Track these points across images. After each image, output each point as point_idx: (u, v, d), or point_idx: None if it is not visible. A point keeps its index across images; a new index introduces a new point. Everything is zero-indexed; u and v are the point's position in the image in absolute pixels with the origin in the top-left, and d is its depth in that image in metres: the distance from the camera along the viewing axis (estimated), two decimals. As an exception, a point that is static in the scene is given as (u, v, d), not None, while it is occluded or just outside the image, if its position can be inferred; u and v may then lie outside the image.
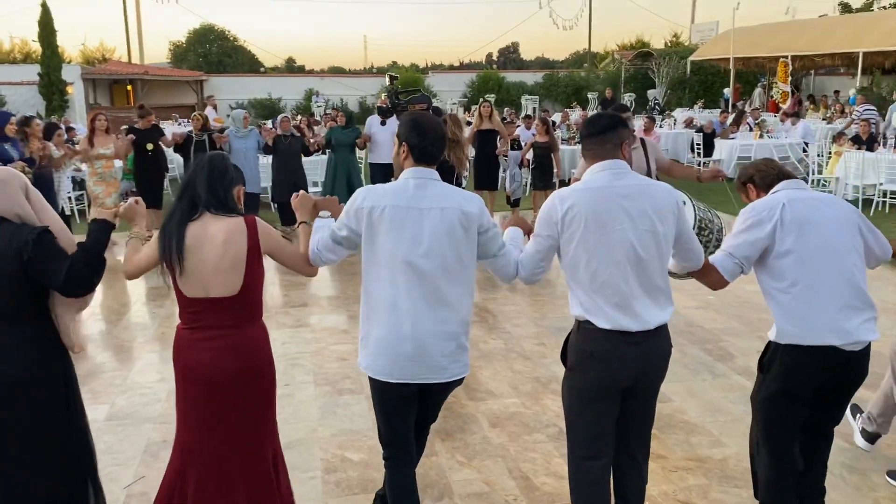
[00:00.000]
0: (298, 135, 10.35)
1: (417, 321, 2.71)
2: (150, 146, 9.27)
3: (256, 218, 2.78)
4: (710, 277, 3.05)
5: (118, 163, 9.47)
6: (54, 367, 2.77)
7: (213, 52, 45.04)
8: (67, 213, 9.60)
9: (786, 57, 21.28)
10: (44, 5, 26.32)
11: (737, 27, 22.86)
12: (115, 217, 2.86)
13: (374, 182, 10.18)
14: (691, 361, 5.33)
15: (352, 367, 5.20)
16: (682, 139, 16.81)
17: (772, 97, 22.97)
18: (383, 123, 9.00)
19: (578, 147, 13.43)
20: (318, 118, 19.90)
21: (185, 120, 23.20)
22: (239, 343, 2.74)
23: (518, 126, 14.51)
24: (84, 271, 2.63)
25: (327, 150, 10.10)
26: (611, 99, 22.86)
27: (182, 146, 9.78)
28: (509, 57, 66.98)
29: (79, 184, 11.04)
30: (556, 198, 2.76)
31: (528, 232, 3.05)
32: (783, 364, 2.94)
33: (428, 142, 2.76)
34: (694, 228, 3.45)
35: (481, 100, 11.06)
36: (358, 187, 9.79)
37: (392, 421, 2.90)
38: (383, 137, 9.77)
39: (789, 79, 21.09)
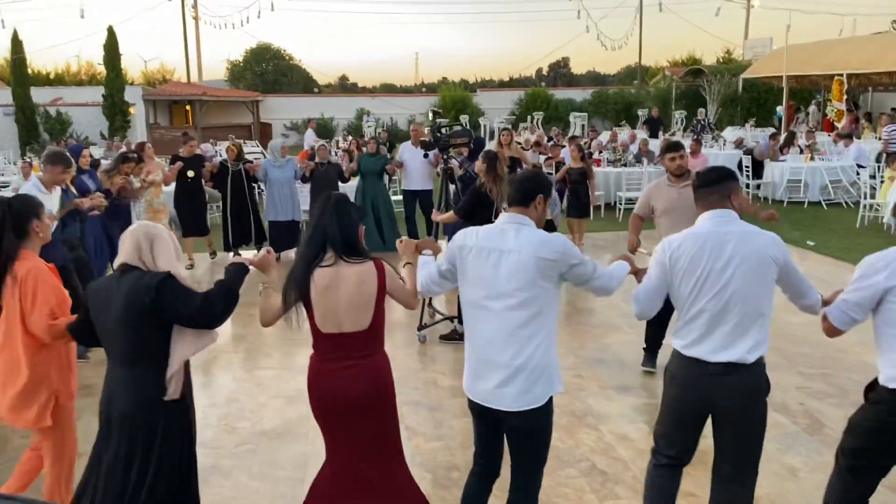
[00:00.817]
0: (336, 161, 10.59)
1: (487, 351, 3.04)
2: (190, 173, 9.40)
3: (384, 262, 3.15)
4: (823, 325, 3.22)
5: (167, 189, 9.62)
6: (154, 407, 2.97)
7: (269, 70, 46.32)
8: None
9: (840, 75, 20.86)
10: (110, 30, 27.50)
11: (790, 44, 22.52)
12: (249, 264, 3.22)
13: (405, 208, 10.49)
14: (728, 396, 5.35)
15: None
16: (730, 161, 16.61)
17: (826, 116, 22.55)
18: (426, 156, 9.23)
19: (625, 170, 13.47)
20: (367, 139, 20.20)
21: (243, 140, 23.90)
22: (368, 370, 3.11)
23: (563, 147, 14.58)
24: (219, 303, 2.99)
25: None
26: (657, 118, 22.78)
27: (218, 176, 9.90)
28: (559, 72, 66.85)
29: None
30: (667, 241, 3.19)
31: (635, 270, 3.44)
32: (889, 407, 3.00)
33: (511, 189, 3.19)
34: None
35: (501, 127, 11.13)
36: (384, 214, 10.21)
37: (475, 433, 3.30)
38: (414, 165, 10.09)
39: (844, 97, 20.66)
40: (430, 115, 6.78)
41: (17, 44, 26.67)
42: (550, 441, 3.21)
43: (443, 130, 6.68)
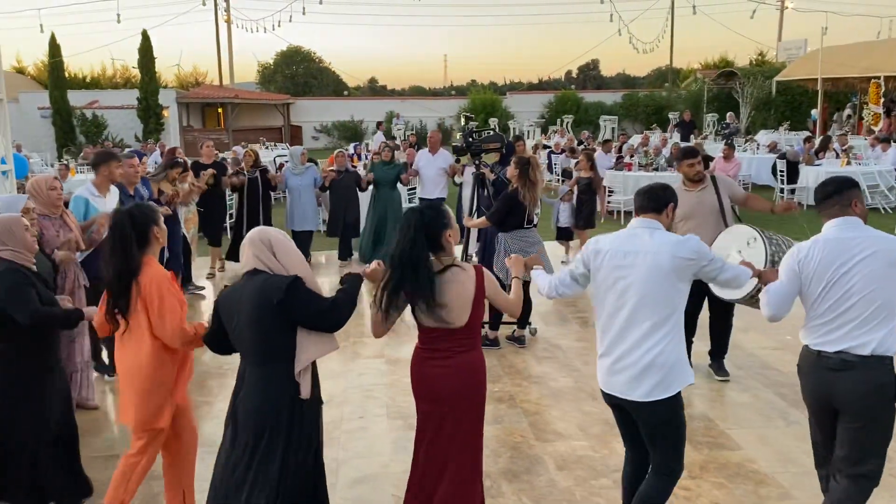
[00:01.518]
0: (353, 170, 10.22)
1: (622, 348, 3.27)
2: (208, 175, 8.78)
3: (483, 268, 3.35)
4: None
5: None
6: (282, 404, 3.06)
7: (299, 73, 46.62)
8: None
9: (878, 77, 20.48)
10: (144, 34, 27.93)
11: (826, 46, 22.13)
12: (363, 274, 3.37)
13: None
14: (764, 406, 5.26)
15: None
16: (764, 164, 16.39)
17: (861, 119, 22.15)
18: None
19: (656, 173, 13.32)
20: (398, 142, 20.24)
21: (273, 143, 24.13)
22: (462, 364, 3.32)
23: (595, 151, 14.45)
24: (346, 308, 3.15)
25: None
26: (689, 121, 22.56)
27: (235, 185, 9.39)
28: (589, 74, 66.37)
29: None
30: (796, 248, 3.41)
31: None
32: None
33: (641, 197, 3.43)
34: (766, 266, 4.14)
35: (514, 137, 10.73)
36: (392, 226, 9.42)
37: (618, 425, 3.59)
38: (428, 173, 9.73)
39: (881, 100, 20.28)
40: (462, 119, 6.76)
41: (54, 47, 27.21)
42: (685, 427, 3.39)
43: (474, 135, 6.66)
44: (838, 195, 3.32)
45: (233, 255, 9.17)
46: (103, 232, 5.09)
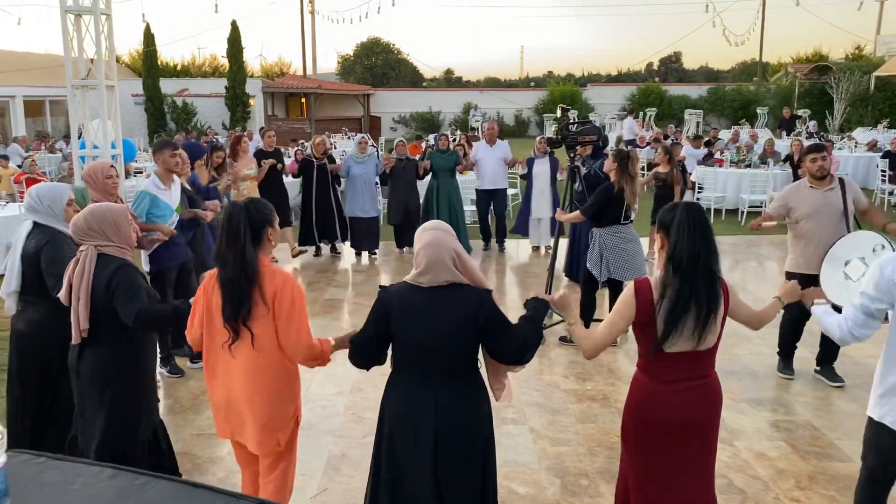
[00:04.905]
0: (413, 158, 10.07)
1: None
2: (280, 166, 9.33)
3: (727, 282, 2.98)
4: None
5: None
6: (483, 419, 2.95)
7: (378, 64, 47.11)
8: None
9: None
10: (233, 24, 28.66)
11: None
12: (550, 301, 3.10)
13: (479, 207, 10.17)
14: (875, 418, 5.00)
15: (513, 395, 5.31)
16: (862, 163, 15.66)
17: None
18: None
19: (748, 170, 12.85)
20: (477, 134, 20.17)
21: (354, 133, 24.45)
22: (707, 390, 2.96)
23: (682, 146, 14.09)
24: (533, 341, 2.92)
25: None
26: (789, 118, 21.81)
27: (303, 171, 9.80)
28: (671, 67, 64.82)
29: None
30: None
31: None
32: None
33: None
34: None
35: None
36: (458, 212, 9.50)
37: (883, 458, 3.18)
38: (489, 164, 9.73)
39: None
40: (559, 110, 6.65)
41: (149, 37, 28.22)
42: None
43: (570, 127, 6.55)
44: None
45: (310, 241, 9.87)
46: (162, 239, 5.28)
